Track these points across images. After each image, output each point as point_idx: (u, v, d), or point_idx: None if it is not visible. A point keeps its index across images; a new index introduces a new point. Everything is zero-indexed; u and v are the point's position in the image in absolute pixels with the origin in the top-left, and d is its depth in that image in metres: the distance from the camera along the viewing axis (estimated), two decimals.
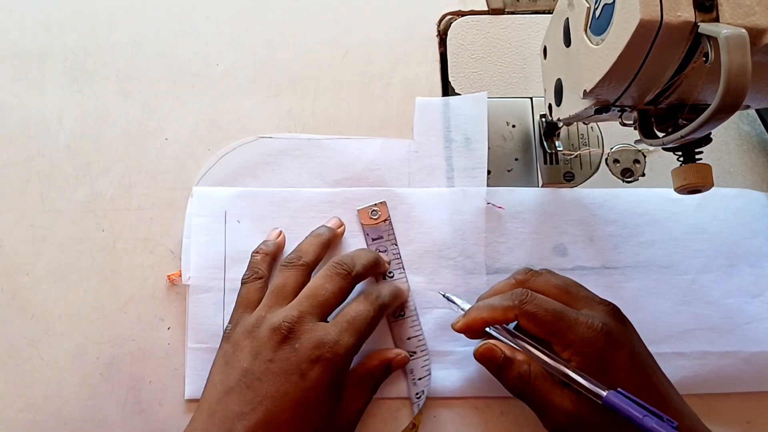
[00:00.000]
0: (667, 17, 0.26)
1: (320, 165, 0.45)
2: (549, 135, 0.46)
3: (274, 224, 0.43)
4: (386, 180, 0.45)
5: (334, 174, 0.45)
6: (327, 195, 0.44)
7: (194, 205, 0.44)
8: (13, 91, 0.46)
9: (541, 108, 0.46)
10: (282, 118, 0.46)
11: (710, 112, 0.26)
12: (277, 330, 0.35)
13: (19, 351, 0.41)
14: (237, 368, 0.35)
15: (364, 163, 0.45)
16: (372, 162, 0.45)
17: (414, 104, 0.47)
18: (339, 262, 0.38)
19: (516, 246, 0.44)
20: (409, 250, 0.43)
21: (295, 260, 0.39)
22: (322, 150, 0.45)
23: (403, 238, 0.43)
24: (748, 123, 0.48)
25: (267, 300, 0.38)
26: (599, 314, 0.36)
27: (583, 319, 0.35)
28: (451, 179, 0.45)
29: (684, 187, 0.32)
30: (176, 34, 0.48)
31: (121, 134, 0.46)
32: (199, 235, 0.43)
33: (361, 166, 0.45)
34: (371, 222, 0.43)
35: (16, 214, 0.44)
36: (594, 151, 0.46)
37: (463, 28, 0.49)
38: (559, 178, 0.46)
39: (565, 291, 0.38)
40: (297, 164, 0.45)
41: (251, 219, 0.43)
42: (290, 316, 0.36)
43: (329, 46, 0.49)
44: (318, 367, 0.35)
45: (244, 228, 0.43)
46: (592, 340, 0.34)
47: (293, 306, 0.36)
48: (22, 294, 0.42)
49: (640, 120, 0.33)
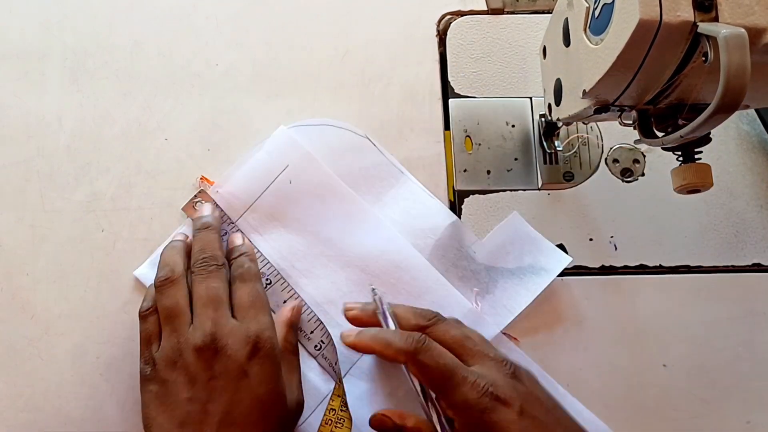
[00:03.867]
0: (667, 17, 0.26)
1: (392, 197, 0.45)
2: (548, 135, 0.46)
3: (314, 206, 0.44)
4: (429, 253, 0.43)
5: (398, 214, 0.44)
6: (377, 222, 0.44)
7: (269, 140, 0.44)
8: (13, 91, 0.46)
9: (541, 108, 0.46)
10: (282, 118, 0.46)
11: (709, 112, 0.26)
12: (203, 348, 0.35)
13: (19, 351, 0.41)
14: (179, 402, 0.34)
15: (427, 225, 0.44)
16: (432, 230, 0.44)
17: (414, 104, 0.47)
18: (202, 258, 0.38)
19: None
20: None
21: (170, 275, 0.38)
22: (404, 188, 0.45)
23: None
24: (747, 123, 0.48)
25: (168, 326, 0.36)
26: (489, 372, 0.35)
27: (471, 379, 0.34)
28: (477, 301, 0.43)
29: (683, 186, 0.32)
30: (176, 34, 0.48)
31: (121, 134, 0.46)
32: (252, 167, 0.44)
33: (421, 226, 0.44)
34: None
35: (16, 214, 0.44)
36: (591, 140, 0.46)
37: (463, 28, 0.49)
38: (558, 177, 0.46)
39: (461, 344, 0.37)
40: (375, 181, 0.45)
41: (301, 188, 0.44)
42: (206, 329, 0.35)
43: (329, 46, 0.49)
44: (257, 359, 0.35)
45: (291, 191, 0.44)
46: (474, 402, 0.33)
47: (200, 319, 0.36)
48: (22, 294, 0.42)
49: (640, 120, 0.33)
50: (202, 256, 0.38)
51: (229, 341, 0.35)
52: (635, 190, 0.46)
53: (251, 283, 0.38)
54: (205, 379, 0.34)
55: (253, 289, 0.38)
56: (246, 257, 0.40)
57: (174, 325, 0.36)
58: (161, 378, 0.35)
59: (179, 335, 0.36)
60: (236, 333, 0.35)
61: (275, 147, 0.45)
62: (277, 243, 0.43)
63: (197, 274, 0.38)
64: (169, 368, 0.35)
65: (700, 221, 0.46)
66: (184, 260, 0.39)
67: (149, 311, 0.38)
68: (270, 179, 0.44)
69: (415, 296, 0.42)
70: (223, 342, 0.35)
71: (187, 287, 0.38)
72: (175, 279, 0.37)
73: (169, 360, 0.35)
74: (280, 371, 0.36)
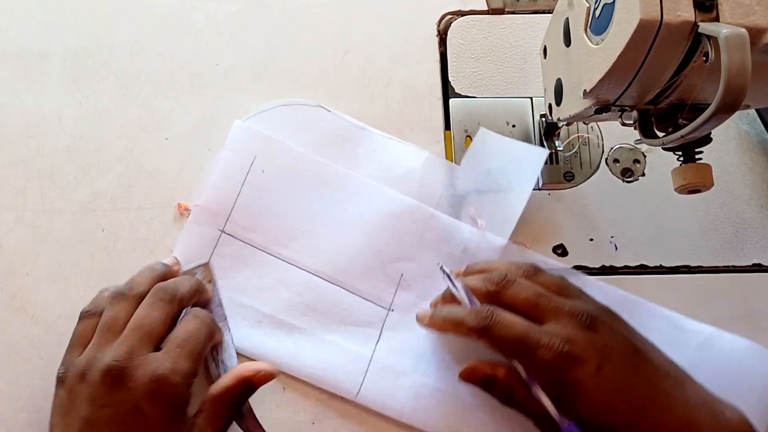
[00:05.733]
0: (667, 17, 0.26)
1: (364, 155, 0.45)
2: (549, 135, 0.46)
3: (296, 187, 0.43)
4: (417, 194, 0.44)
5: (373, 168, 0.45)
6: (359, 182, 0.44)
7: (230, 137, 0.44)
8: (13, 91, 0.46)
9: (541, 108, 0.46)
10: None
11: (710, 112, 0.26)
12: (108, 372, 0.33)
13: (19, 351, 0.41)
14: (76, 418, 0.34)
15: (405, 169, 0.45)
16: (411, 171, 0.45)
17: (414, 104, 0.47)
18: (162, 287, 0.37)
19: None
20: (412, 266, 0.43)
21: (126, 291, 0.37)
22: (371, 143, 0.46)
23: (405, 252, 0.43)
24: (747, 123, 0.48)
25: (97, 337, 0.36)
26: (563, 328, 0.35)
27: (544, 341, 0.34)
28: (476, 220, 0.43)
29: (684, 186, 0.32)
30: (176, 33, 0.48)
31: (121, 134, 0.46)
32: (222, 169, 0.43)
33: (400, 171, 0.45)
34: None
35: (16, 214, 0.44)
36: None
37: (463, 28, 0.49)
38: (559, 177, 0.46)
39: (534, 304, 0.36)
40: (342, 146, 0.45)
41: (277, 173, 0.44)
42: (119, 354, 0.34)
43: (329, 46, 0.49)
44: (156, 402, 0.33)
45: (266, 179, 0.43)
46: (551, 362, 0.34)
47: (121, 342, 0.35)
48: (22, 294, 0.42)
49: (640, 120, 0.33)
50: (164, 285, 0.38)
51: (136, 373, 0.34)
52: (636, 190, 0.46)
53: (197, 323, 0.37)
54: (101, 403, 0.33)
55: (195, 330, 0.36)
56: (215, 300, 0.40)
57: (101, 339, 0.35)
58: (69, 387, 0.35)
59: (98, 350, 0.35)
60: (146, 367, 0.34)
61: (237, 142, 0.44)
62: (271, 232, 0.43)
63: (148, 297, 0.37)
64: (77, 380, 0.34)
65: (700, 221, 0.46)
66: (151, 284, 0.38)
67: (89, 314, 0.37)
68: (243, 175, 0.44)
69: (418, 238, 0.43)
70: (130, 372, 0.34)
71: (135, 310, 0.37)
72: (129, 296, 0.37)
73: (80, 371, 0.34)
74: (181, 420, 0.35)
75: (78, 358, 0.36)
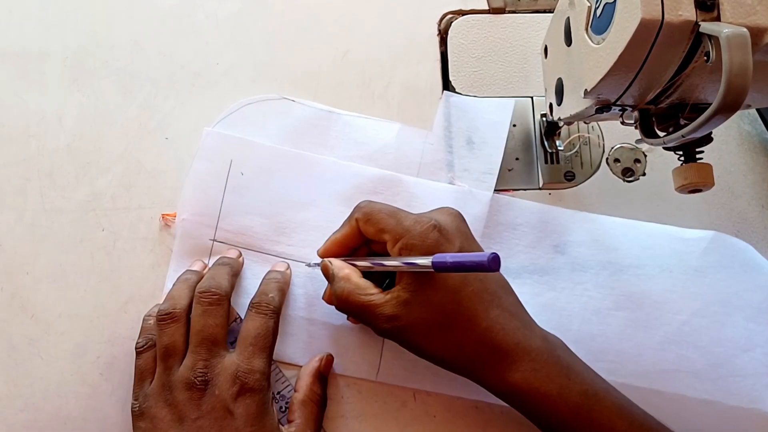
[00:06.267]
0: (668, 16, 0.26)
1: (335, 138, 0.45)
2: (550, 134, 0.46)
3: (276, 182, 0.44)
4: (396, 166, 0.45)
5: (347, 149, 0.45)
6: (334, 165, 0.44)
7: (202, 147, 0.44)
8: (13, 90, 0.46)
9: (542, 107, 0.46)
10: None
11: (711, 112, 0.26)
12: (193, 386, 0.35)
13: (19, 351, 0.41)
14: None
15: (379, 144, 0.45)
16: (386, 145, 0.45)
17: (414, 103, 0.47)
18: (204, 290, 0.38)
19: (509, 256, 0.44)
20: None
21: (171, 310, 0.37)
22: (340, 124, 0.46)
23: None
24: (748, 122, 0.48)
25: (163, 364, 0.37)
26: (433, 215, 0.37)
27: (413, 216, 0.36)
28: (460, 178, 0.45)
29: (685, 186, 0.32)
30: (176, 33, 0.48)
31: (121, 134, 0.46)
32: (200, 179, 0.43)
33: (374, 147, 0.45)
34: None
35: (16, 213, 0.44)
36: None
37: (464, 28, 0.49)
38: (559, 177, 0.46)
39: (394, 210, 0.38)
40: (312, 133, 0.45)
41: (255, 173, 0.44)
42: (196, 365, 0.35)
43: (329, 45, 0.48)
44: (242, 402, 0.35)
45: (246, 181, 0.43)
46: (421, 232, 0.35)
47: (192, 356, 0.36)
48: (22, 294, 0.42)
49: (641, 119, 0.32)
50: (207, 284, 0.38)
51: (217, 378, 0.35)
52: (636, 190, 0.46)
53: (264, 318, 0.38)
54: (192, 417, 0.35)
55: (263, 326, 0.37)
56: (275, 284, 0.40)
57: (168, 363, 0.36)
58: (151, 414, 0.35)
59: (171, 373, 0.36)
60: (224, 371, 0.36)
61: (211, 150, 0.44)
62: (260, 232, 0.43)
63: (197, 304, 0.37)
64: (159, 405, 0.35)
65: (701, 221, 0.45)
66: (190, 294, 0.39)
67: (146, 348, 0.38)
68: (223, 182, 0.43)
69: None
70: (212, 380, 0.35)
71: (186, 323, 0.38)
72: (176, 316, 0.37)
73: (159, 397, 0.36)
74: (267, 414, 0.36)
75: (150, 387, 0.36)
